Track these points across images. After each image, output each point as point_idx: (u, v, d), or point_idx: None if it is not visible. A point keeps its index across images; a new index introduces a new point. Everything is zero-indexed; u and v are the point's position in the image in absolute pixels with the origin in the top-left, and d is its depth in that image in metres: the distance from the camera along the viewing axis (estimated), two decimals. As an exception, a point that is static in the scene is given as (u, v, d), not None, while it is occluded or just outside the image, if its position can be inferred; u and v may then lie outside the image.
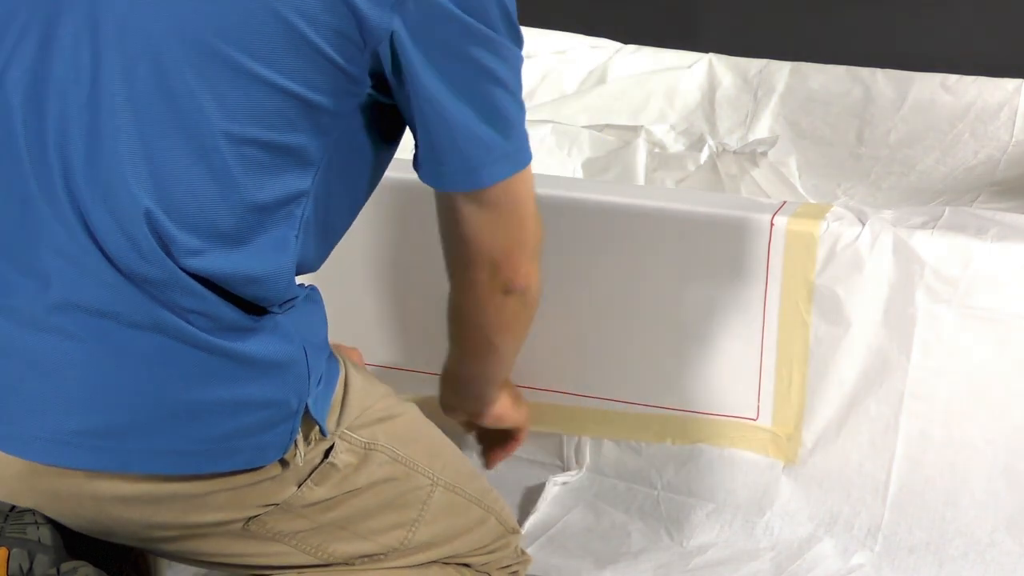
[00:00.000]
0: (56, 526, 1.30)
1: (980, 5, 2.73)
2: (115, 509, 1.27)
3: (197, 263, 1.22)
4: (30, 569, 1.25)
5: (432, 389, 1.70)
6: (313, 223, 1.31)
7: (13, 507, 1.28)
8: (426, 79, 1.25)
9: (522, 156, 1.32)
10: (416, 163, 1.32)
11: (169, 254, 1.21)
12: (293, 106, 1.22)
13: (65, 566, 1.27)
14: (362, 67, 1.25)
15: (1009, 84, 2.61)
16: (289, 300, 1.31)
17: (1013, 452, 1.77)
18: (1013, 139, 2.55)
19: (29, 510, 1.28)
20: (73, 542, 1.32)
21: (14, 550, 1.25)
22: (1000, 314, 1.74)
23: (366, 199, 1.42)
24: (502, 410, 1.70)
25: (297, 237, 1.28)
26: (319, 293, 1.38)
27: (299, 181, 1.26)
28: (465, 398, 1.66)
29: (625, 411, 1.93)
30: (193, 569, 1.77)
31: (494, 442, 1.78)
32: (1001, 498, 1.78)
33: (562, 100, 2.76)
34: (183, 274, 1.22)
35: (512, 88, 1.29)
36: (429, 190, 1.36)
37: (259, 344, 1.26)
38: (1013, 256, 1.73)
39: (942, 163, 2.56)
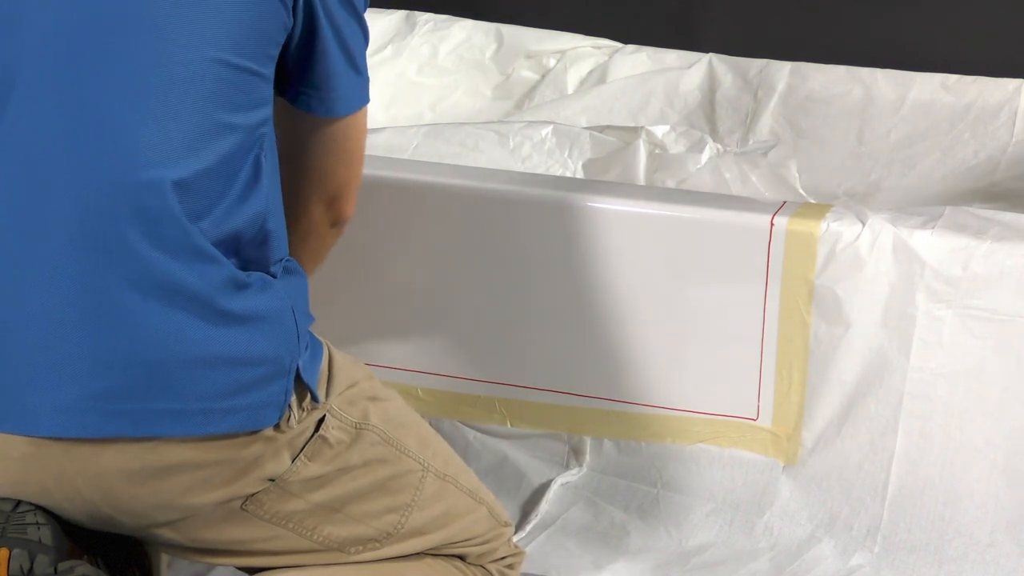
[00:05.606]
0: (57, 526, 1.30)
1: (980, 5, 2.72)
2: (121, 487, 1.28)
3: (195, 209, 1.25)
4: (31, 569, 1.25)
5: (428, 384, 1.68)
6: (270, 162, 1.35)
7: (15, 507, 1.28)
8: (334, 10, 1.37)
9: (368, 92, 1.47)
10: (294, 96, 1.42)
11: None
12: (246, 28, 1.28)
13: (63, 565, 1.27)
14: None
15: (1009, 84, 2.61)
16: (279, 260, 1.36)
17: (1013, 452, 1.77)
18: (1013, 139, 2.55)
19: (30, 510, 1.29)
20: (74, 542, 1.32)
21: (15, 550, 1.25)
22: (1000, 314, 1.74)
23: None
24: None
25: (266, 162, 1.33)
26: (298, 264, 1.42)
27: (263, 105, 1.32)
28: None
29: (625, 411, 1.93)
30: (192, 569, 1.78)
31: None
32: (1001, 498, 1.78)
33: (562, 100, 2.76)
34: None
35: (365, 24, 1.44)
36: (427, 191, 1.37)
37: (253, 299, 1.30)
38: (1013, 256, 1.73)
39: (942, 163, 2.56)
